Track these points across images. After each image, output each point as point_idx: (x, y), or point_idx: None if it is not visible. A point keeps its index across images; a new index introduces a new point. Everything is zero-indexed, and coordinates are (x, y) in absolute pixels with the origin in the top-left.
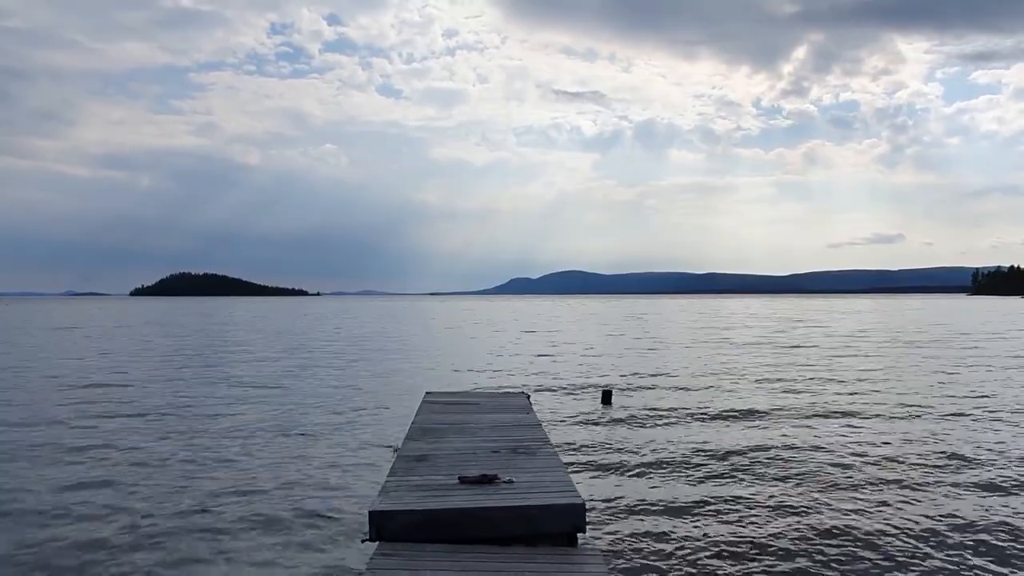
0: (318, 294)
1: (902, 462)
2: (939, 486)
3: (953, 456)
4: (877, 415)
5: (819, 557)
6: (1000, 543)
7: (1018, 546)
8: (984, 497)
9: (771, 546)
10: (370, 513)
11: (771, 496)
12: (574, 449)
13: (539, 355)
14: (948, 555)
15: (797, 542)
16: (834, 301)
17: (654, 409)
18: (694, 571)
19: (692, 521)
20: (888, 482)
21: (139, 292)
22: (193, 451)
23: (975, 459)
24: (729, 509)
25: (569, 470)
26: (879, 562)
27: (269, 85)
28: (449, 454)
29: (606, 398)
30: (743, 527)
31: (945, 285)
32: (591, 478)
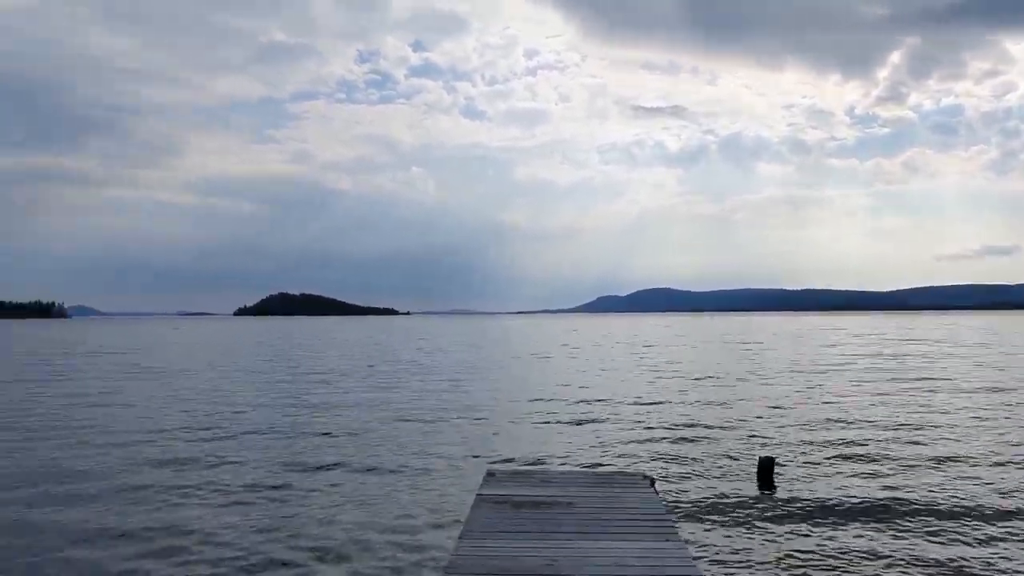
0: (408, 313)
1: None
2: None
3: None
4: None
5: None
6: None
7: None
8: None
9: None
10: None
11: None
12: None
13: (649, 402)
14: None
15: None
16: (955, 318)
17: (849, 497)
18: None
19: None
20: None
21: (242, 312)
22: None
23: None
24: None
25: None
26: None
27: (359, 112)
28: None
29: (765, 474)
30: None
31: None
32: None
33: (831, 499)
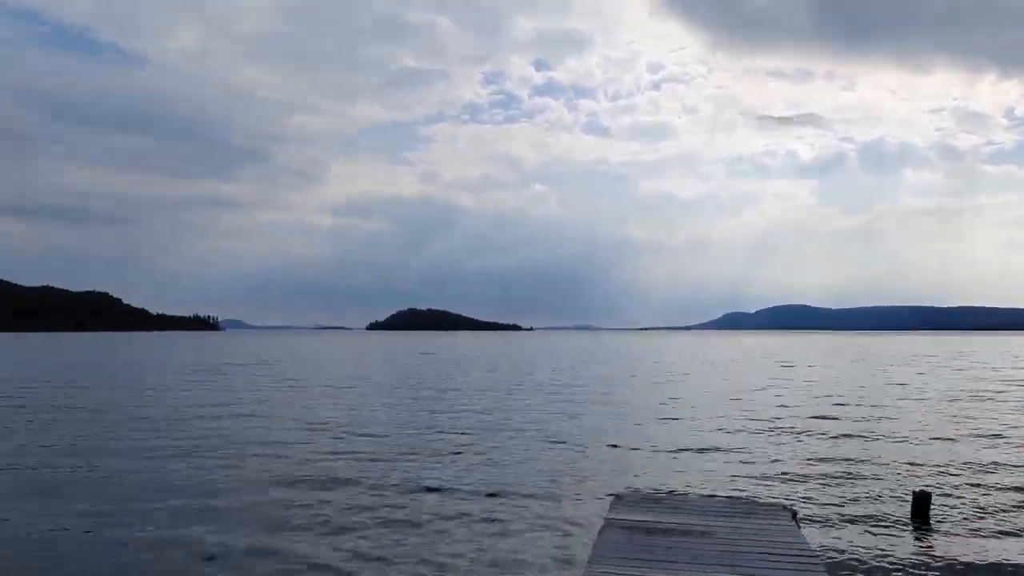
0: (531, 329)
1: None
2: None
3: None
4: None
5: None
6: None
7: None
8: None
9: None
10: None
11: None
12: None
13: (787, 427)
14: None
15: None
16: None
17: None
18: None
19: None
20: None
21: (374, 327)
22: None
23: None
24: None
25: None
26: None
27: (483, 132)
28: None
29: (920, 509)
30: None
31: None
32: None
33: (995, 543)
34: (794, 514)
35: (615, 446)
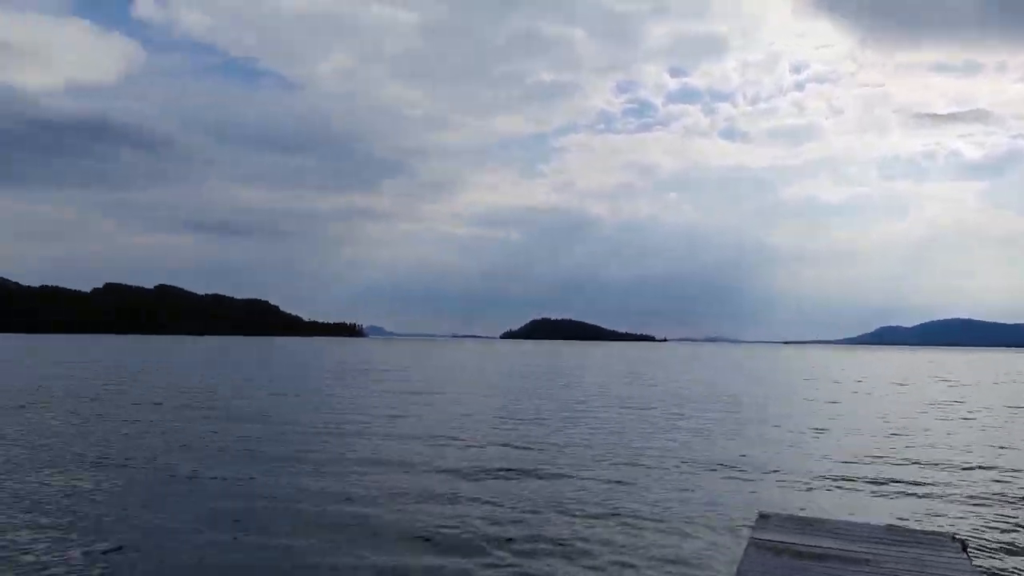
0: (664, 340)
1: None
2: None
3: None
4: None
5: None
6: None
7: None
8: None
9: None
10: None
11: None
12: None
13: (959, 453)
14: None
15: None
16: None
17: None
18: None
19: None
20: None
21: (508, 335)
22: None
23: None
24: None
25: None
26: None
27: (617, 141)
28: None
29: None
30: None
31: None
32: None
33: None
34: (964, 545)
35: (758, 464)
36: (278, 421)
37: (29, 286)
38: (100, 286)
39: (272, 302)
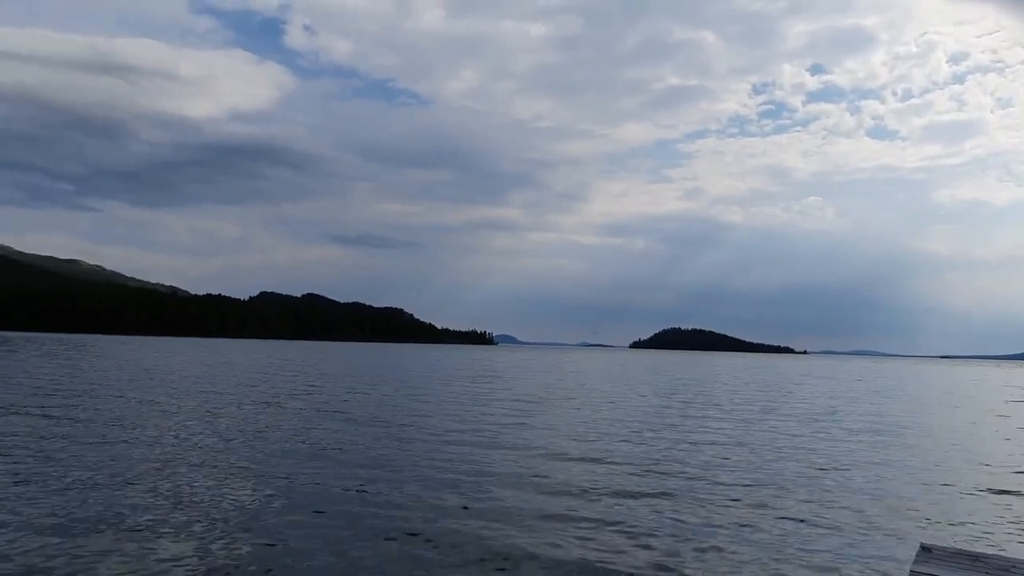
0: (804, 352)
1: None
2: None
3: None
4: None
5: None
6: None
7: None
8: None
9: None
10: None
11: None
12: None
13: None
14: None
15: None
16: None
17: None
18: None
19: None
20: None
21: (637, 345)
22: None
23: None
24: None
25: None
26: None
27: (751, 144)
28: None
29: None
30: None
31: None
32: None
33: None
34: None
35: (921, 492)
36: (416, 427)
37: (196, 294)
38: (256, 294)
39: (407, 310)
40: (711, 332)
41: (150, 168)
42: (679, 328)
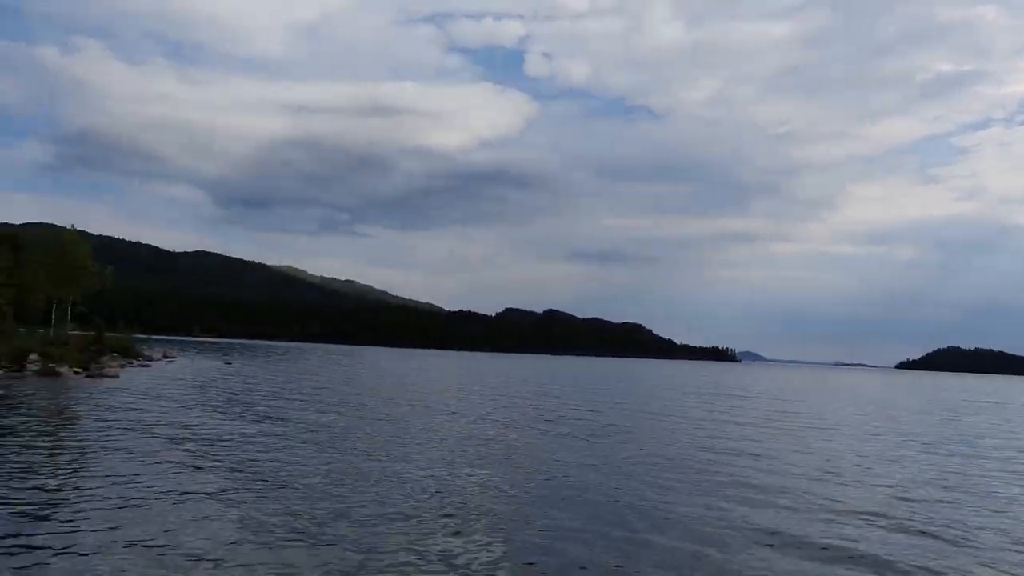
0: None
1: None
2: None
3: None
4: None
5: None
6: None
7: None
8: None
9: None
10: None
11: None
12: None
13: None
14: None
15: None
16: None
17: None
18: None
19: None
20: None
21: (904, 365)
22: None
23: None
24: None
25: None
26: None
27: None
28: None
29: None
30: None
31: None
32: None
33: None
34: None
35: None
36: (669, 443)
37: (449, 310)
38: (501, 310)
39: (645, 326)
40: (1001, 352)
41: (409, 196)
42: (958, 347)
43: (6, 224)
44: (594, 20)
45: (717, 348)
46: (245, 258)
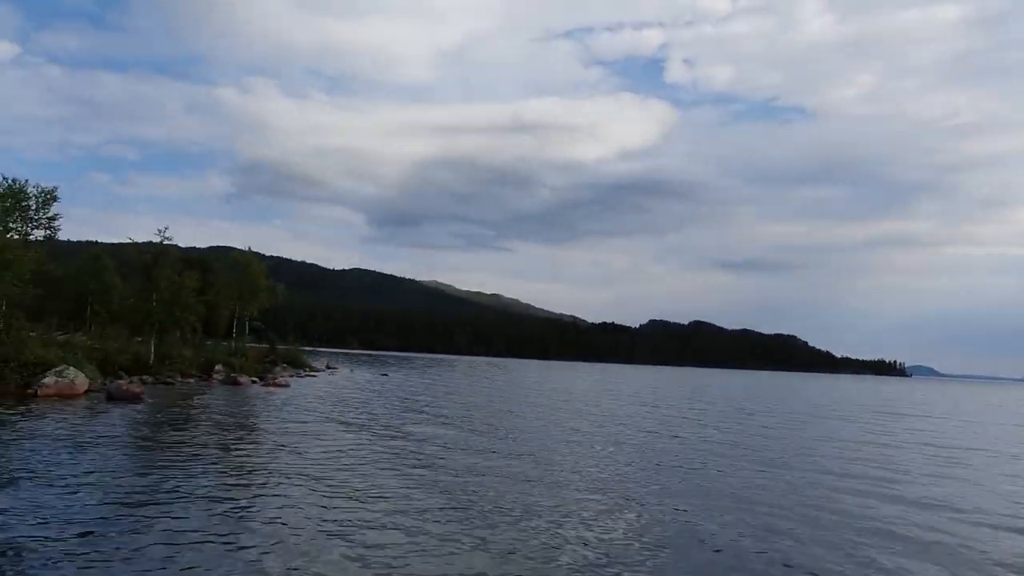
0: None
1: None
2: None
3: None
4: None
5: None
6: None
7: None
8: None
9: None
10: None
11: None
12: None
13: None
14: None
15: None
16: None
17: None
18: None
19: None
20: None
21: None
22: None
23: None
24: None
25: None
26: None
27: None
28: None
29: None
30: None
31: None
32: None
33: None
34: None
35: None
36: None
37: (593, 322)
38: (646, 322)
39: (800, 337)
40: None
41: (552, 210)
42: None
43: (193, 248)
44: (738, 21)
45: (883, 361)
46: (397, 274)
